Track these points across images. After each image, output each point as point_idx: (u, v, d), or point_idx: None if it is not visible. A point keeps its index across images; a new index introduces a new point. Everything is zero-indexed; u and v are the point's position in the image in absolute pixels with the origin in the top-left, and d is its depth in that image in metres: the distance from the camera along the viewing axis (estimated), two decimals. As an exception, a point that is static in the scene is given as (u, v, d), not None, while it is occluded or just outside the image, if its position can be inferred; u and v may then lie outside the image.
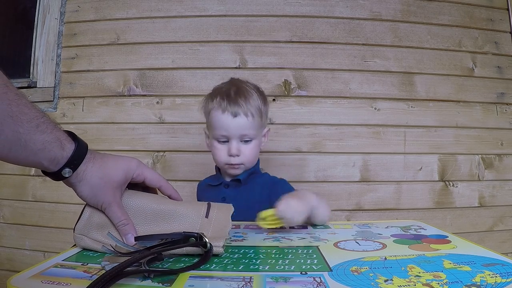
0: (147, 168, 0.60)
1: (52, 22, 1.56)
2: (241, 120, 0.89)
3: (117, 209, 0.54)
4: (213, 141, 0.94)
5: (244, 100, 0.90)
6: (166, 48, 1.50)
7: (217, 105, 0.91)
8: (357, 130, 1.48)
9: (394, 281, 0.41)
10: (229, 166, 0.93)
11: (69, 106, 1.51)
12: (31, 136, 0.45)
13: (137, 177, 0.57)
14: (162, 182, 0.61)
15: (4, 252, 1.49)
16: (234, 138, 0.91)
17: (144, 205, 0.57)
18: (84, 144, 0.52)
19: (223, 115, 0.90)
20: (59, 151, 0.48)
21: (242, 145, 0.92)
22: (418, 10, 1.53)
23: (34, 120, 0.45)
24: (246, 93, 0.92)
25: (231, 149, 0.90)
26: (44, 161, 0.47)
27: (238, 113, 0.89)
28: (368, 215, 1.44)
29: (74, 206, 1.38)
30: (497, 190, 1.51)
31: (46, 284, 0.40)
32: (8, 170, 1.50)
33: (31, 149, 0.45)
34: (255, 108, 0.91)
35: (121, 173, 0.55)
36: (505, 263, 0.47)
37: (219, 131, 0.92)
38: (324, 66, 1.49)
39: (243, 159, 0.92)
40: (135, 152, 1.45)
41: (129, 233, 0.53)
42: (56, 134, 0.48)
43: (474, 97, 1.53)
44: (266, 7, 1.50)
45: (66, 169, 0.49)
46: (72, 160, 0.49)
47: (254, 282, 0.41)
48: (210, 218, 0.59)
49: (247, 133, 0.91)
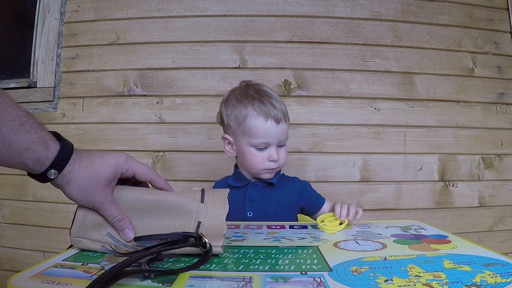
0: (136, 161, 0.58)
1: (52, 22, 1.56)
2: (283, 127, 0.90)
3: (110, 206, 0.53)
4: (250, 148, 0.91)
5: (279, 104, 0.91)
6: (166, 48, 1.50)
7: (256, 112, 0.89)
8: (357, 130, 1.48)
9: (394, 281, 0.41)
10: (266, 171, 0.93)
11: (69, 106, 1.51)
12: (14, 135, 0.44)
13: (126, 172, 0.56)
14: (152, 175, 0.59)
15: (4, 252, 1.49)
16: (274, 144, 0.91)
17: (136, 197, 0.56)
18: (69, 145, 0.50)
19: (267, 123, 0.88)
20: (44, 151, 0.47)
21: (279, 149, 0.92)
22: (418, 10, 1.53)
23: (17, 119, 0.44)
24: (274, 96, 0.92)
25: (272, 155, 0.90)
26: (29, 162, 0.46)
27: (280, 119, 0.89)
28: (368, 215, 1.44)
29: (74, 206, 1.37)
30: (497, 190, 1.51)
31: (46, 284, 0.40)
32: (8, 170, 1.47)
33: (14, 148, 0.44)
34: (287, 112, 0.93)
35: (110, 169, 0.53)
36: (505, 263, 0.47)
37: (261, 139, 0.89)
38: (324, 66, 1.49)
39: (280, 163, 0.93)
40: (135, 152, 1.45)
41: (126, 228, 0.53)
42: (41, 134, 0.47)
43: (474, 97, 1.53)
44: (266, 7, 1.50)
45: (51, 170, 0.48)
46: (57, 161, 0.48)
47: (254, 282, 0.41)
48: (206, 202, 0.58)
49: (285, 137, 0.93)
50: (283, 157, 0.93)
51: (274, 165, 0.91)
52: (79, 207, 0.55)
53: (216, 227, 0.56)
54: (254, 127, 0.89)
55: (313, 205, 0.96)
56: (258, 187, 0.95)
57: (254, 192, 0.94)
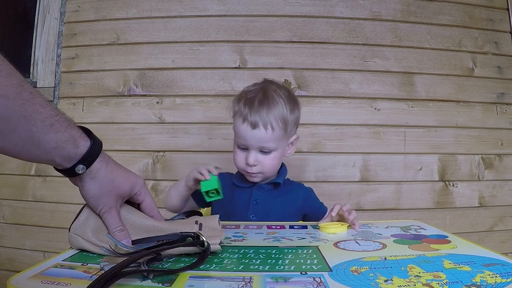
0: (149, 192, 0.60)
1: (52, 22, 1.56)
2: (259, 133, 0.85)
3: (115, 215, 0.54)
4: (235, 146, 0.92)
5: (266, 111, 0.85)
6: (166, 48, 1.50)
7: (239, 112, 0.88)
8: (357, 130, 1.48)
9: (394, 281, 0.41)
10: (246, 173, 0.91)
11: (69, 106, 1.51)
12: (44, 135, 0.45)
13: (138, 195, 0.58)
14: (155, 212, 0.61)
15: (4, 252, 1.49)
16: (252, 148, 0.88)
17: (140, 220, 0.57)
18: (99, 142, 0.52)
19: (243, 125, 0.86)
20: (73, 149, 0.48)
21: (261, 155, 0.88)
22: (418, 10, 1.53)
23: (48, 119, 0.45)
24: (271, 101, 0.87)
25: (247, 159, 0.88)
26: (57, 159, 0.48)
27: (257, 125, 0.85)
28: (368, 215, 1.44)
29: (74, 206, 1.38)
30: (497, 190, 1.51)
31: (46, 284, 0.40)
32: (8, 170, 1.50)
33: (44, 147, 0.45)
34: (277, 119, 0.86)
35: (129, 185, 0.56)
36: (505, 263, 0.47)
37: (239, 139, 0.89)
38: (324, 66, 1.49)
39: (261, 169, 0.89)
40: (135, 152, 1.45)
41: (125, 239, 0.54)
42: (70, 133, 0.48)
43: (474, 97, 1.53)
44: (266, 7, 1.50)
45: (80, 165, 0.50)
46: (87, 157, 0.50)
47: (254, 282, 0.41)
48: (204, 230, 0.59)
49: (266, 145, 0.87)
50: (267, 164, 0.89)
51: (252, 169, 0.88)
52: (86, 206, 0.56)
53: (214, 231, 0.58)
54: (236, 126, 0.90)
55: (316, 213, 0.95)
56: (264, 190, 0.93)
57: (259, 195, 0.93)
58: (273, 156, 0.89)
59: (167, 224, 0.59)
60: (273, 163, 0.90)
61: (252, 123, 0.85)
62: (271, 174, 0.93)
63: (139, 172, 1.42)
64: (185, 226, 0.59)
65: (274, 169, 0.92)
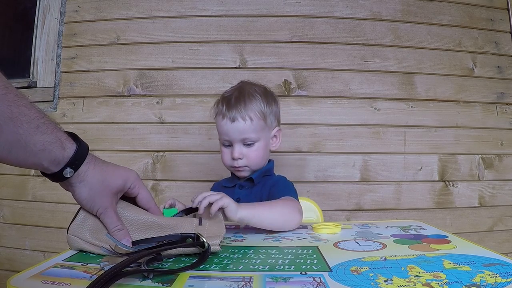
0: (143, 185, 0.60)
1: (52, 22, 1.56)
2: (239, 125, 0.91)
3: (112, 214, 0.54)
4: (220, 145, 0.97)
5: (243, 105, 0.92)
6: (166, 48, 1.50)
7: (219, 111, 0.94)
8: (357, 130, 1.48)
9: (394, 281, 0.41)
10: (234, 168, 0.95)
11: (69, 106, 1.51)
12: (31, 137, 0.44)
13: (132, 189, 0.57)
14: (152, 204, 0.60)
15: (4, 252, 1.49)
16: (236, 142, 0.92)
17: (138, 216, 0.57)
18: (85, 145, 0.52)
19: (223, 121, 0.92)
20: (60, 151, 0.48)
21: (245, 148, 0.93)
22: (418, 10, 1.53)
23: (34, 121, 0.45)
24: (247, 97, 0.93)
25: (233, 153, 0.92)
26: (45, 162, 0.47)
27: (236, 118, 0.91)
28: (368, 215, 1.44)
29: (74, 206, 1.37)
30: (497, 190, 1.51)
31: (46, 284, 0.40)
32: (8, 170, 1.50)
33: (31, 150, 0.45)
34: (255, 112, 0.92)
35: (120, 181, 0.55)
36: (505, 263, 0.47)
37: (222, 136, 0.95)
38: (324, 66, 1.49)
39: (247, 162, 0.93)
40: (135, 152, 1.45)
41: (124, 238, 0.53)
42: (57, 135, 0.48)
43: (474, 97, 1.53)
44: (266, 7, 1.50)
45: (67, 169, 0.49)
46: (74, 160, 0.49)
47: (254, 282, 0.41)
48: (204, 224, 0.59)
49: (248, 136, 0.92)
50: (253, 156, 0.93)
51: (238, 163, 0.92)
52: (82, 208, 0.55)
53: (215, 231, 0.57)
54: (217, 124, 0.95)
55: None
56: (245, 188, 0.97)
57: (240, 192, 0.96)
58: (256, 148, 0.93)
59: (166, 220, 0.58)
60: (258, 154, 0.94)
61: (231, 118, 0.91)
62: (258, 166, 0.96)
63: (139, 172, 1.42)
64: (184, 221, 0.59)
65: (260, 161, 0.95)
